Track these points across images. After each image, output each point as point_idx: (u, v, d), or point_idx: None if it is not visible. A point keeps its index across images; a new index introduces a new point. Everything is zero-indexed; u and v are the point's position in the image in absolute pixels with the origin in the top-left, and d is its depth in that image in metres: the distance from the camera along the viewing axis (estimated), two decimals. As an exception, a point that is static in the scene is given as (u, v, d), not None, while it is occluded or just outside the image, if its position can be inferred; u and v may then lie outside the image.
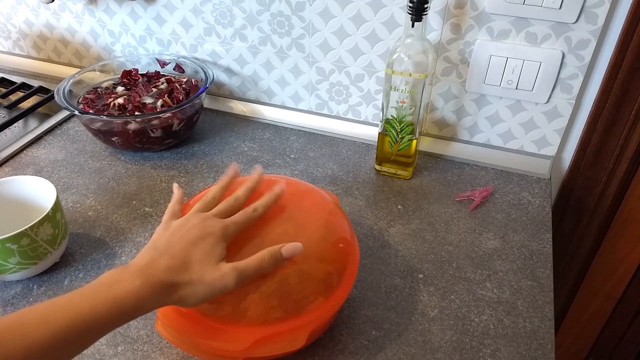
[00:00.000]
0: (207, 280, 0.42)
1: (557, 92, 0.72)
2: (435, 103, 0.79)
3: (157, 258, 0.42)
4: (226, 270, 0.43)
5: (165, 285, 0.41)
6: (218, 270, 0.43)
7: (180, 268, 0.42)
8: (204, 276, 0.42)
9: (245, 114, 0.91)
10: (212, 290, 0.43)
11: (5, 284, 0.59)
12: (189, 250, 0.43)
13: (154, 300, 0.41)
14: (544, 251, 0.65)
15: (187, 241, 0.44)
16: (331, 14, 0.76)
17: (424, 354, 0.52)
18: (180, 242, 0.44)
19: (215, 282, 0.43)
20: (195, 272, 0.42)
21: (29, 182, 0.62)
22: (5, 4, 0.99)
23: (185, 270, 0.42)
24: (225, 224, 0.46)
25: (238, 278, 0.43)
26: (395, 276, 0.61)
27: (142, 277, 0.40)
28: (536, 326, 0.55)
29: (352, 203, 0.72)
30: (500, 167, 0.79)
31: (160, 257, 0.42)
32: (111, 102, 0.79)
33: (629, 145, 0.71)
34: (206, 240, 0.44)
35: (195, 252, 0.43)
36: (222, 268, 0.43)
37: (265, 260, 0.45)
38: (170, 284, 0.41)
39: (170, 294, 0.42)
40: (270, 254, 0.45)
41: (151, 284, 0.40)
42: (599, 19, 0.64)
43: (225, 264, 0.44)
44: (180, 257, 0.43)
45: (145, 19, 0.89)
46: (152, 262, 0.42)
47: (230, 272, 0.43)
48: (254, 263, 0.44)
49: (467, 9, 0.69)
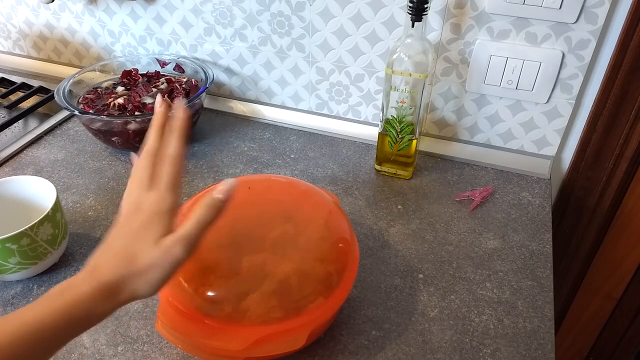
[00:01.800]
0: (154, 262, 0.40)
1: (557, 92, 0.72)
2: (435, 103, 0.79)
3: (100, 260, 0.41)
4: (169, 243, 0.40)
5: (113, 284, 0.39)
6: (161, 248, 0.40)
7: (124, 262, 0.40)
8: (150, 260, 0.40)
9: (245, 114, 0.91)
10: (164, 269, 0.40)
11: (5, 284, 0.59)
12: (129, 239, 0.41)
13: (106, 303, 0.39)
14: (544, 251, 0.65)
15: (126, 231, 0.42)
16: (331, 14, 0.76)
17: (424, 354, 0.52)
18: (120, 235, 0.42)
19: (164, 260, 0.40)
20: (139, 260, 0.40)
21: (29, 182, 0.62)
22: (5, 4, 0.99)
23: (129, 263, 0.40)
24: (159, 196, 0.42)
25: (185, 245, 0.41)
26: (395, 276, 0.61)
27: (90, 281, 0.39)
28: (536, 326, 0.55)
29: (352, 203, 0.72)
30: (500, 167, 0.79)
31: (103, 258, 0.41)
32: (111, 102, 0.79)
33: (629, 145, 0.71)
34: (143, 222, 0.42)
35: (135, 240, 0.41)
36: (165, 243, 0.41)
37: (204, 213, 0.42)
38: (118, 282, 0.39)
39: (121, 292, 0.40)
40: (206, 204, 0.42)
41: (99, 286, 0.39)
42: (599, 19, 0.64)
43: (168, 238, 0.41)
44: (122, 250, 0.41)
45: (145, 19, 0.89)
46: (97, 265, 0.40)
47: (174, 243, 0.40)
48: (192, 223, 0.41)
49: (467, 9, 0.69)
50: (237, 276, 0.47)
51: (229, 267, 0.48)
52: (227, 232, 0.51)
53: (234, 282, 0.47)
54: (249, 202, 0.55)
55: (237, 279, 0.47)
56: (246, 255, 0.48)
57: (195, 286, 0.48)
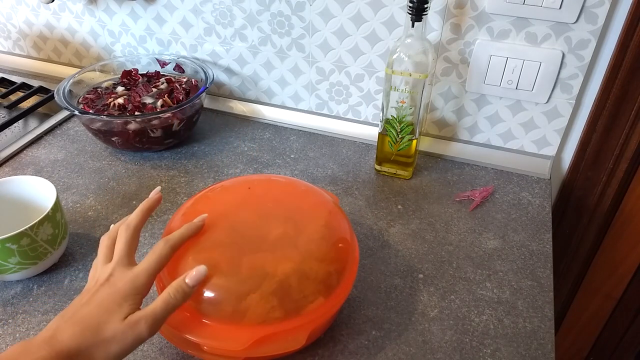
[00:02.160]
0: (118, 336, 0.41)
1: (557, 92, 0.72)
2: (435, 103, 0.79)
3: (62, 326, 0.41)
4: (135, 319, 0.42)
5: (72, 352, 0.40)
6: (127, 323, 0.41)
7: (86, 332, 0.41)
8: (114, 333, 0.41)
9: (245, 114, 0.91)
10: (125, 344, 0.41)
11: (5, 284, 0.59)
12: (95, 311, 0.42)
13: None
14: (544, 251, 0.65)
15: (94, 304, 0.42)
16: (331, 14, 0.76)
17: (424, 354, 0.52)
18: (87, 305, 0.42)
19: (127, 335, 0.41)
20: (104, 331, 0.41)
21: (29, 182, 0.62)
22: (5, 4, 0.99)
23: (92, 334, 0.41)
24: (134, 274, 0.44)
25: (151, 324, 0.42)
26: (395, 276, 0.61)
27: (47, 348, 0.39)
28: (536, 326, 0.55)
29: (352, 203, 0.72)
30: (500, 167, 0.79)
31: (66, 324, 0.41)
32: (111, 102, 0.79)
33: (629, 145, 0.71)
34: (115, 296, 0.43)
35: (104, 311, 0.42)
36: (132, 319, 0.42)
37: (172, 296, 0.43)
38: (77, 350, 0.40)
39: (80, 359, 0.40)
40: (175, 289, 0.44)
41: (57, 353, 0.39)
42: (599, 19, 0.64)
43: (134, 314, 0.42)
44: (86, 321, 0.41)
45: (145, 19, 0.89)
46: (58, 331, 0.41)
47: (139, 320, 0.42)
48: (160, 304, 0.43)
49: (467, 9, 0.69)
50: (237, 276, 0.47)
51: (229, 267, 0.48)
52: (227, 232, 0.51)
53: (234, 282, 0.47)
54: (249, 202, 0.55)
55: (237, 279, 0.47)
56: (246, 255, 0.48)
57: (195, 286, 0.48)
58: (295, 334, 0.47)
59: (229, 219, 0.53)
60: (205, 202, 0.56)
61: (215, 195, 0.57)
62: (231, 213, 0.54)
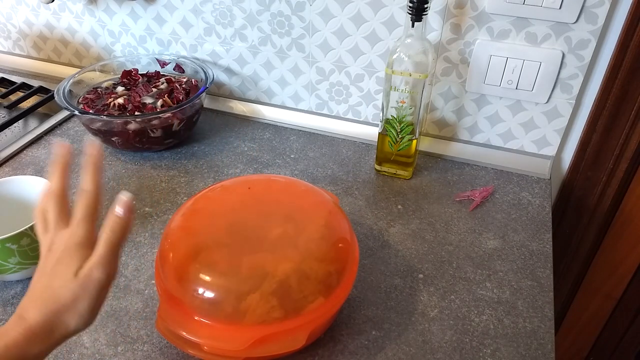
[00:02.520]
0: (78, 293, 0.41)
1: (557, 92, 0.72)
2: (435, 103, 0.79)
3: (26, 305, 0.41)
4: (86, 271, 0.41)
5: (42, 325, 0.40)
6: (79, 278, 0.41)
7: (47, 303, 0.40)
8: (72, 292, 0.40)
9: (245, 114, 0.91)
10: (90, 297, 0.41)
11: (5, 284, 0.59)
12: (48, 278, 0.42)
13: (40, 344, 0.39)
14: (544, 251, 0.65)
15: (44, 272, 0.42)
16: (331, 14, 0.76)
17: (424, 354, 0.52)
18: (40, 277, 0.42)
19: (86, 288, 0.41)
20: (62, 295, 0.40)
21: (29, 182, 0.62)
22: (5, 4, 0.99)
23: (53, 301, 0.40)
24: (71, 231, 0.43)
25: (102, 266, 0.41)
26: (395, 276, 0.61)
27: (17, 329, 0.39)
28: (536, 326, 0.55)
29: (352, 203, 0.72)
30: (500, 167, 0.79)
31: (29, 302, 0.41)
32: (111, 102, 0.79)
33: (629, 145, 0.71)
34: (58, 259, 0.42)
35: (53, 277, 0.41)
36: (83, 272, 0.41)
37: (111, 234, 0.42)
38: (46, 322, 0.40)
39: (53, 330, 0.40)
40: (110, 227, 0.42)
41: (29, 329, 0.39)
42: (599, 19, 0.64)
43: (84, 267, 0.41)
44: (45, 292, 0.41)
45: (145, 19, 0.89)
46: (23, 310, 0.41)
47: (90, 269, 0.41)
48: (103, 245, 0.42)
49: (467, 9, 0.69)
50: (237, 276, 0.47)
51: (229, 267, 0.48)
52: (227, 232, 0.51)
53: (234, 282, 0.47)
54: (249, 202, 0.55)
55: (237, 279, 0.47)
56: (246, 255, 0.48)
57: (195, 286, 0.48)
58: (295, 334, 0.47)
59: (229, 219, 0.53)
60: (205, 202, 0.56)
61: (215, 195, 0.57)
62: (231, 213, 0.54)
